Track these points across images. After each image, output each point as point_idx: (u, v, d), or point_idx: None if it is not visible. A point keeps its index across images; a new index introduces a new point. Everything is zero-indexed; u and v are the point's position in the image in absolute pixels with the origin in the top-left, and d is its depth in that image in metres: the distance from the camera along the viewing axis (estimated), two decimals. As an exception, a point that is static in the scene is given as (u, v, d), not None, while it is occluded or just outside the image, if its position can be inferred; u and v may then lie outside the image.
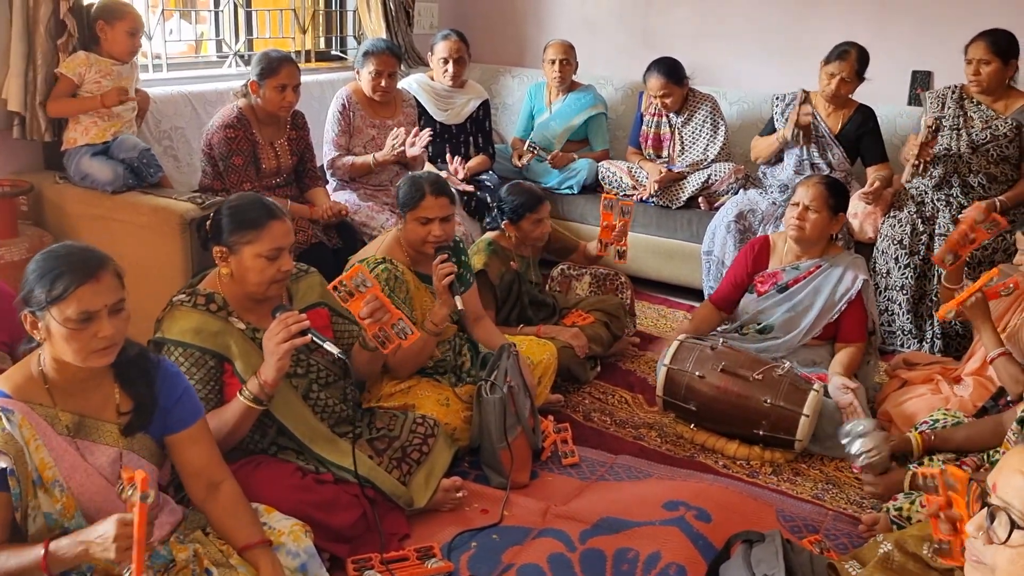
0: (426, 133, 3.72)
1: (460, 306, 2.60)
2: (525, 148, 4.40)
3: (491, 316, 3.13)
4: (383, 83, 3.75)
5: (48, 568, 1.53)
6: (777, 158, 3.98)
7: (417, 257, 2.75)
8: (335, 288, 2.21)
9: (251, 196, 2.21)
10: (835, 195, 3.00)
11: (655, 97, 4.18)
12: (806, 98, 3.79)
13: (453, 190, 3.98)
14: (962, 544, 1.54)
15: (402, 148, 3.67)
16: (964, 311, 2.64)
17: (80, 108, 3.12)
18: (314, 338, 2.08)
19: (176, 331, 2.09)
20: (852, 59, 3.69)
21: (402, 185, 2.75)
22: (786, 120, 3.87)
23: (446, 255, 2.62)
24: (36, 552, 1.53)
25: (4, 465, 1.55)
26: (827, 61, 3.75)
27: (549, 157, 4.41)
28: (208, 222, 2.17)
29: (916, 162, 3.50)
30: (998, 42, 3.44)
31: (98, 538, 1.51)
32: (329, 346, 2.09)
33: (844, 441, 2.50)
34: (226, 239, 2.12)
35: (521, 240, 3.28)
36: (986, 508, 1.33)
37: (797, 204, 3.02)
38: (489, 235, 3.31)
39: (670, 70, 4.12)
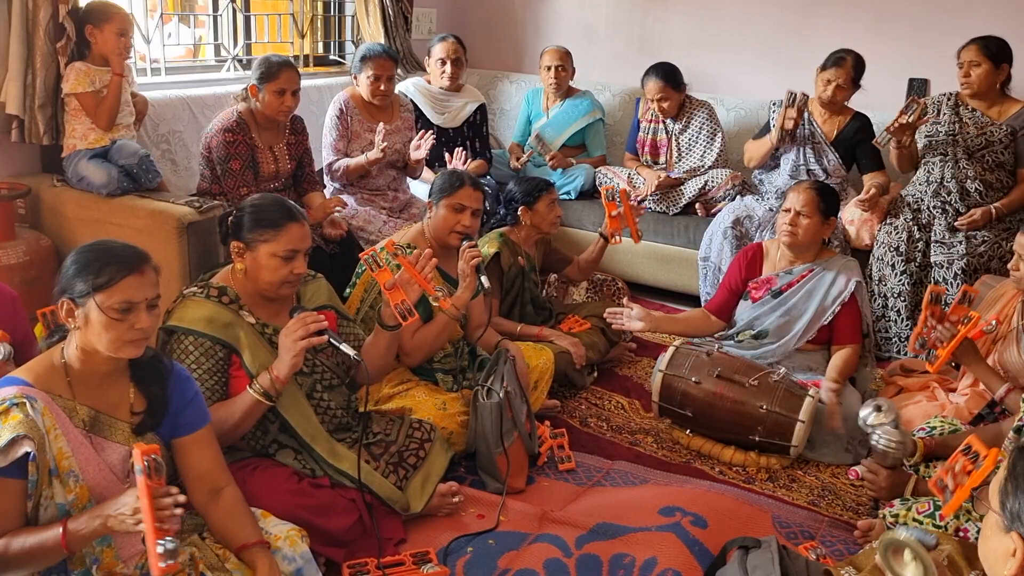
0: (430, 136, 3.73)
1: (487, 284, 2.69)
2: (532, 138, 4.40)
3: (494, 304, 3.15)
4: (382, 87, 3.75)
5: (68, 545, 1.58)
6: (773, 164, 3.99)
7: (439, 251, 2.77)
8: (368, 258, 2.31)
9: (274, 197, 2.27)
10: (826, 200, 3.01)
11: (652, 101, 4.19)
12: (793, 101, 3.76)
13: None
14: (958, 495, 1.73)
15: (394, 145, 3.68)
16: (955, 359, 2.63)
17: (114, 98, 3.12)
18: (331, 339, 2.13)
19: (188, 319, 2.12)
20: (848, 66, 3.71)
21: (442, 175, 2.89)
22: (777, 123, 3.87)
23: (474, 242, 2.75)
24: (54, 531, 1.58)
25: (28, 450, 1.57)
26: (823, 68, 3.77)
27: (548, 156, 4.41)
28: (230, 217, 2.22)
29: (895, 124, 3.47)
30: (988, 46, 3.47)
31: (116, 511, 1.56)
32: (345, 347, 2.13)
33: (867, 417, 2.39)
34: (244, 235, 2.16)
35: (536, 226, 3.32)
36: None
37: (789, 210, 3.03)
38: (500, 229, 3.34)
39: (668, 74, 4.13)
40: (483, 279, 2.68)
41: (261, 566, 1.77)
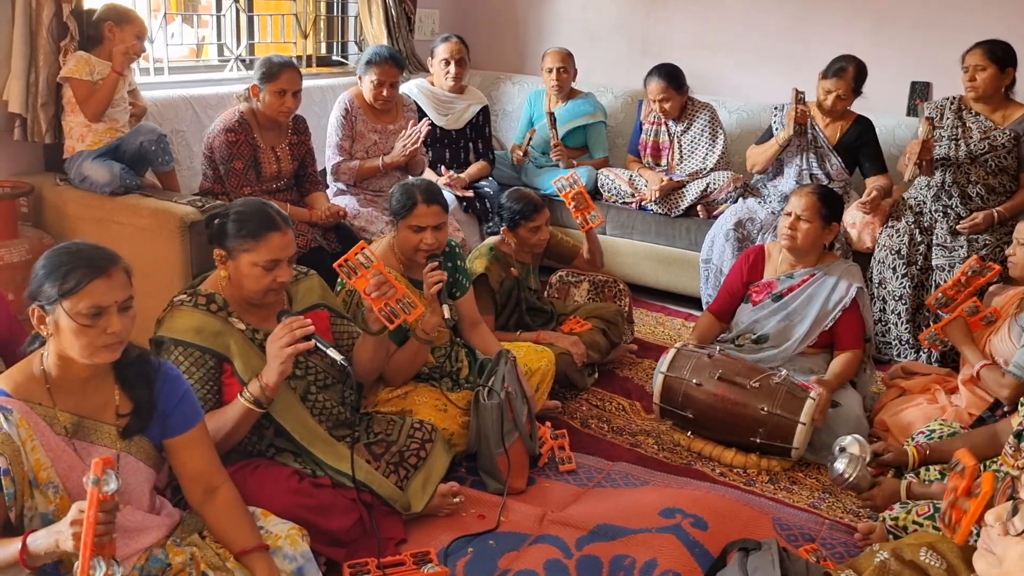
0: (423, 124, 3.74)
1: (448, 315, 2.59)
2: (527, 137, 4.44)
3: (490, 322, 3.13)
4: (384, 93, 3.76)
5: (25, 561, 1.51)
6: (777, 169, 3.99)
7: (410, 264, 2.75)
8: (340, 267, 2.27)
9: (256, 204, 2.21)
10: (827, 205, 3.00)
11: (654, 102, 4.19)
12: (801, 97, 3.78)
13: (452, 195, 4.04)
14: (965, 524, 1.64)
15: (414, 147, 3.69)
16: (945, 333, 2.78)
17: (107, 94, 3.12)
18: (318, 344, 2.09)
19: (177, 330, 2.10)
20: (849, 77, 3.71)
21: (394, 192, 2.74)
22: (783, 124, 3.87)
23: (436, 263, 2.61)
24: (15, 546, 1.52)
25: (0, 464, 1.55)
26: (825, 75, 3.77)
27: (553, 143, 4.39)
28: (215, 221, 2.19)
29: (919, 160, 3.50)
30: (994, 50, 3.46)
31: (63, 527, 1.48)
32: (332, 352, 2.10)
33: (832, 463, 2.51)
34: (226, 243, 2.14)
35: (520, 246, 3.30)
36: (1011, 501, 1.36)
37: (789, 214, 3.03)
38: (491, 240, 3.33)
39: (670, 75, 4.14)
40: (444, 307, 2.57)
41: (260, 570, 1.77)
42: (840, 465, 2.45)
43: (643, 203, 4.29)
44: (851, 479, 2.43)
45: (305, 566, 1.87)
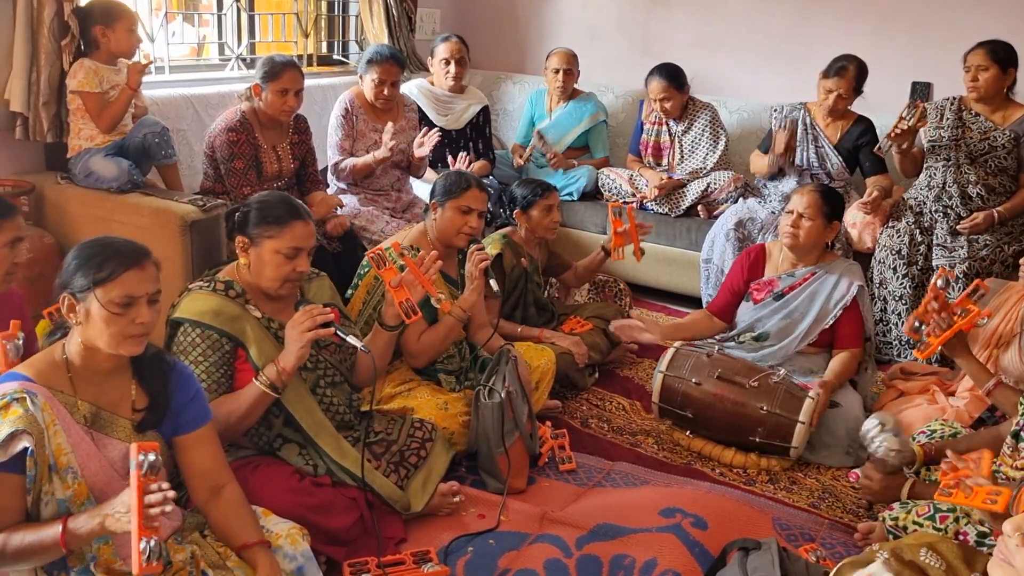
0: (434, 134, 3.74)
1: (496, 287, 2.72)
2: (535, 135, 4.42)
3: (496, 307, 3.16)
4: (385, 91, 3.76)
5: (67, 543, 1.58)
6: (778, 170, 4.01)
7: (441, 252, 2.79)
8: (372, 256, 2.36)
9: (280, 195, 2.29)
10: (829, 203, 3.01)
11: (655, 101, 4.20)
12: (790, 128, 3.84)
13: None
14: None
15: (399, 145, 3.69)
16: (945, 350, 2.61)
17: (122, 107, 3.13)
18: (338, 331, 2.15)
19: (195, 312, 2.13)
20: (850, 76, 3.71)
21: (446, 176, 2.87)
22: (781, 127, 3.88)
23: (481, 244, 2.76)
24: (54, 529, 1.58)
25: (27, 445, 1.57)
26: (825, 75, 3.77)
27: (550, 155, 4.41)
28: (237, 213, 2.25)
29: (896, 131, 3.48)
30: (997, 50, 3.47)
31: (113, 510, 1.56)
32: (352, 339, 2.16)
33: (869, 430, 2.45)
34: (249, 231, 2.19)
35: (532, 231, 3.33)
36: None
37: (792, 212, 3.03)
38: (503, 230, 3.38)
39: (671, 74, 4.14)
40: (492, 282, 2.72)
41: (262, 565, 1.78)
42: (885, 439, 2.39)
43: (644, 202, 4.29)
44: (894, 459, 2.39)
45: (305, 565, 1.87)
